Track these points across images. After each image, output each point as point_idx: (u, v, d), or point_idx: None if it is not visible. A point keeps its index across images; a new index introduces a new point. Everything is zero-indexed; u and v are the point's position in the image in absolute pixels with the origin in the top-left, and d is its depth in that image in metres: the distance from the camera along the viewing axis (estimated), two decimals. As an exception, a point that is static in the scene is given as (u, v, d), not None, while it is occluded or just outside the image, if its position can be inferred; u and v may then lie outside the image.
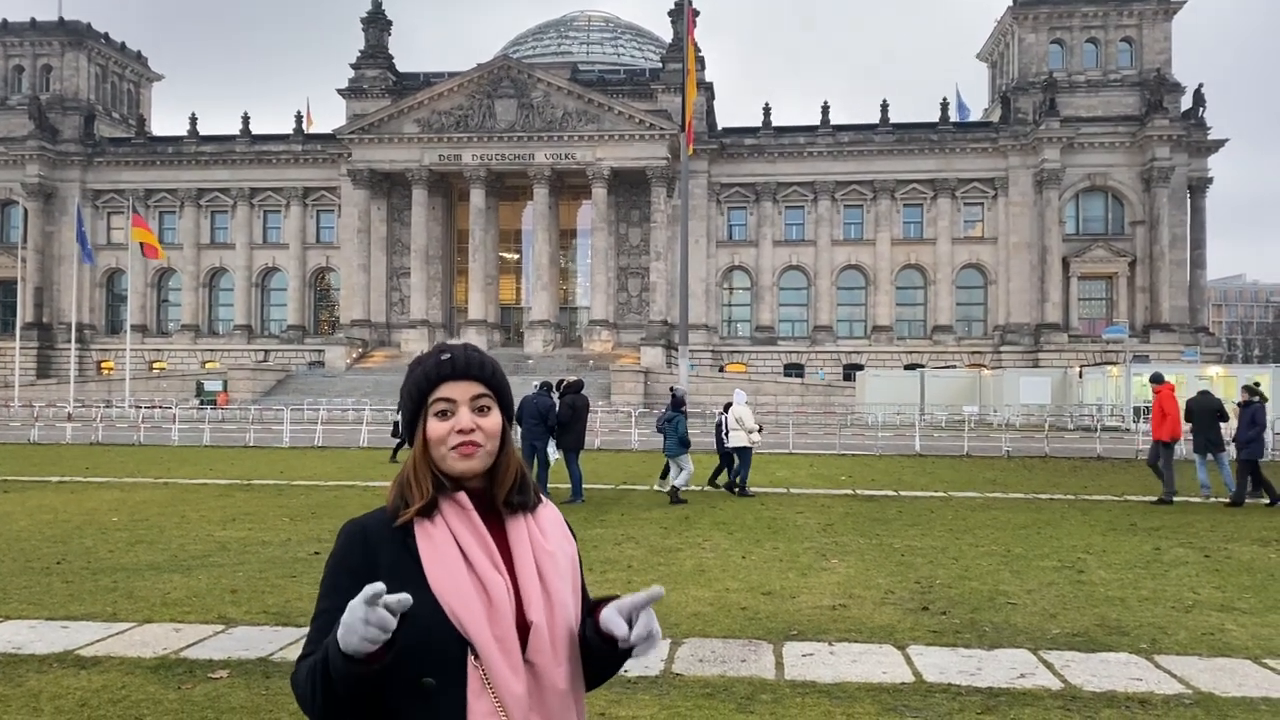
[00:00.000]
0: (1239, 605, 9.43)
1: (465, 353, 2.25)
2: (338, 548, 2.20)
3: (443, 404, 2.20)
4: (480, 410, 2.21)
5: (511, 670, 2.06)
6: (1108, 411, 47.64)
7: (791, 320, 74.31)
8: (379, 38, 75.65)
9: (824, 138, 72.64)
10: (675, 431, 18.21)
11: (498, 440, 2.22)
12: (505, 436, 2.26)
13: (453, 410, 2.20)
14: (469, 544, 2.14)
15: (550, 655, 2.12)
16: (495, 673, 2.05)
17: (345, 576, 2.12)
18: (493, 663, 2.05)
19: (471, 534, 2.15)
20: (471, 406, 2.20)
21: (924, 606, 9.27)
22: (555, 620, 2.15)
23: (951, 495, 19.18)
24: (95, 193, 78.07)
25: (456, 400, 2.20)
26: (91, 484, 20.26)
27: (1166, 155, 68.07)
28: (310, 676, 2.01)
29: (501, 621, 2.08)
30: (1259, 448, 17.88)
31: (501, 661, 2.06)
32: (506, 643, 2.08)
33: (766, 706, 6.33)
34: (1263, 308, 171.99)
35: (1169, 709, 6.33)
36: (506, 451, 2.25)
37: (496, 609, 2.09)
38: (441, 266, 74.21)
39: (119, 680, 6.74)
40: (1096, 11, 71.61)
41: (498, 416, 2.24)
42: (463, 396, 2.20)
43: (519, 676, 2.07)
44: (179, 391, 62.29)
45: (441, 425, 2.19)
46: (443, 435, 2.18)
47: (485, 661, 2.04)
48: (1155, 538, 13.65)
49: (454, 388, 2.20)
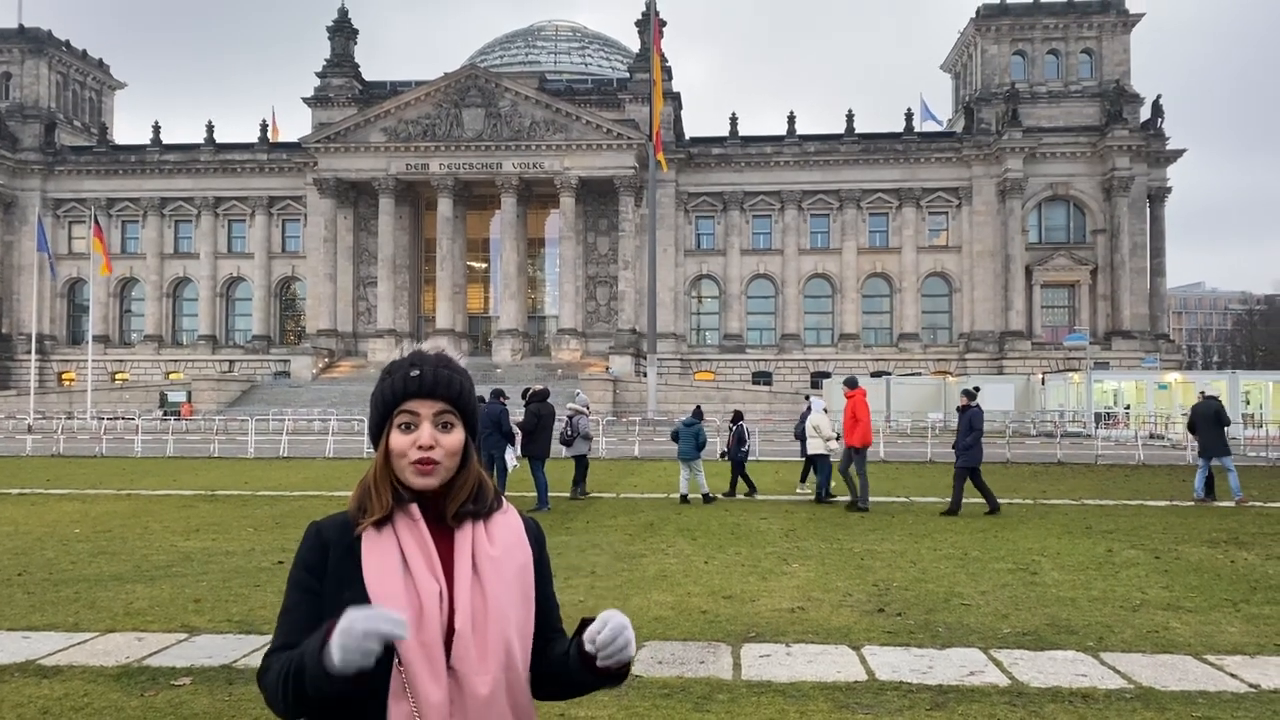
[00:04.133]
0: (1184, 604, 9.71)
1: (434, 371, 2.29)
2: (300, 547, 2.30)
3: (407, 417, 2.26)
4: (443, 426, 2.27)
5: (432, 677, 2.10)
6: (1069, 417, 48.33)
7: (759, 328, 74.78)
8: (345, 46, 75.40)
9: (790, 147, 73.26)
10: (694, 438, 19.19)
11: (458, 457, 2.28)
12: (467, 452, 2.31)
13: (416, 424, 2.25)
14: (411, 552, 2.19)
15: (474, 663, 2.15)
16: (414, 678, 2.09)
17: (304, 572, 2.24)
18: (414, 668, 2.09)
19: (415, 541, 2.21)
20: (434, 423, 2.26)
21: (880, 608, 9.47)
22: (488, 627, 2.18)
23: (914, 500, 19.46)
24: (56, 202, 77.18)
25: (420, 415, 2.25)
26: (53, 496, 20.09)
27: (1126, 165, 69.30)
28: (282, 681, 2.07)
29: (429, 629, 2.13)
30: (978, 454, 17.15)
31: (423, 668, 2.10)
32: (431, 650, 2.12)
33: (723, 706, 6.48)
34: (1221, 315, 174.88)
35: (1110, 703, 6.55)
36: (467, 467, 2.31)
37: (426, 616, 2.13)
38: (409, 276, 73.99)
39: (81, 689, 6.77)
40: (1057, 24, 72.84)
41: (460, 433, 2.29)
42: (427, 412, 2.26)
43: (439, 684, 2.11)
44: (142, 402, 61.65)
45: (404, 439, 2.24)
46: (404, 449, 2.24)
47: (407, 667, 2.09)
48: (1109, 540, 13.96)
49: (419, 404, 2.26)
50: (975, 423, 17.30)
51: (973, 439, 17.13)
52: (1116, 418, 47.67)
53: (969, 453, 17.15)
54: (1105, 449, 34.44)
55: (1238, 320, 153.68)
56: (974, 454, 17.16)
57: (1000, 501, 19.14)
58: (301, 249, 75.65)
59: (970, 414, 17.38)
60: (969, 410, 17.44)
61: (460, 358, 2.42)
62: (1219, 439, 19.34)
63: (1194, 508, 18.11)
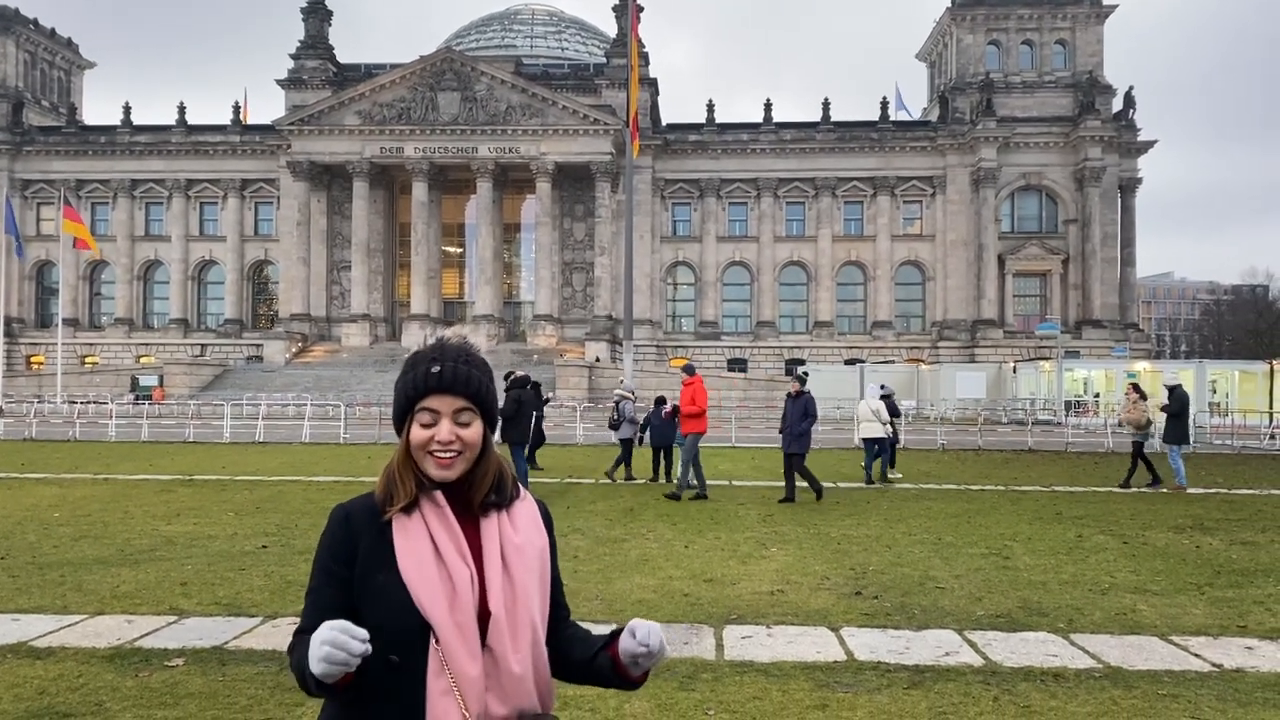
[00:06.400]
0: (1151, 587, 10.01)
1: (454, 368, 2.39)
2: (326, 530, 2.42)
3: (427, 414, 2.37)
4: (462, 423, 2.37)
5: (469, 654, 2.23)
6: (1040, 405, 48.97)
7: (735, 315, 75.11)
8: (319, 28, 74.75)
9: (767, 135, 73.46)
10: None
11: (477, 449, 2.39)
12: (485, 444, 2.44)
13: (435, 421, 2.36)
14: (441, 538, 2.32)
15: (508, 642, 2.27)
16: (452, 656, 2.22)
17: (329, 557, 2.37)
18: (451, 647, 2.22)
19: (444, 529, 2.33)
20: (454, 419, 2.36)
21: (857, 591, 9.70)
22: (517, 610, 2.31)
23: (887, 487, 19.74)
24: (24, 183, 76.14)
25: (440, 412, 2.36)
26: (29, 480, 20.00)
27: (1098, 155, 70.03)
28: (298, 663, 2.22)
29: (463, 609, 2.25)
30: (808, 441, 17.03)
31: (460, 646, 2.23)
32: (466, 629, 2.24)
33: (707, 684, 6.67)
34: (1190, 305, 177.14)
35: (1080, 681, 6.79)
36: (486, 458, 2.42)
37: (459, 598, 2.25)
38: (383, 260, 73.64)
39: (75, 669, 6.86)
40: (1032, 14, 73.38)
41: (478, 427, 2.40)
42: (446, 409, 2.36)
43: (475, 660, 2.24)
44: (113, 387, 61.01)
45: (424, 433, 2.35)
46: (424, 442, 2.35)
47: (444, 645, 2.22)
48: (1079, 526, 14.28)
49: (439, 400, 2.36)
50: (810, 409, 17.04)
51: (806, 425, 16.86)
52: (1086, 406, 48.37)
53: (800, 440, 16.87)
54: (1075, 437, 34.97)
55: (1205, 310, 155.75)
56: (805, 441, 16.94)
57: (973, 488, 19.48)
58: (274, 232, 75.09)
59: (804, 400, 17.08)
60: (801, 397, 17.12)
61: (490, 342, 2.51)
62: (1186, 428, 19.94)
63: (1162, 495, 18.50)
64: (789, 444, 17.05)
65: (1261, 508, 16.56)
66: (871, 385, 21.26)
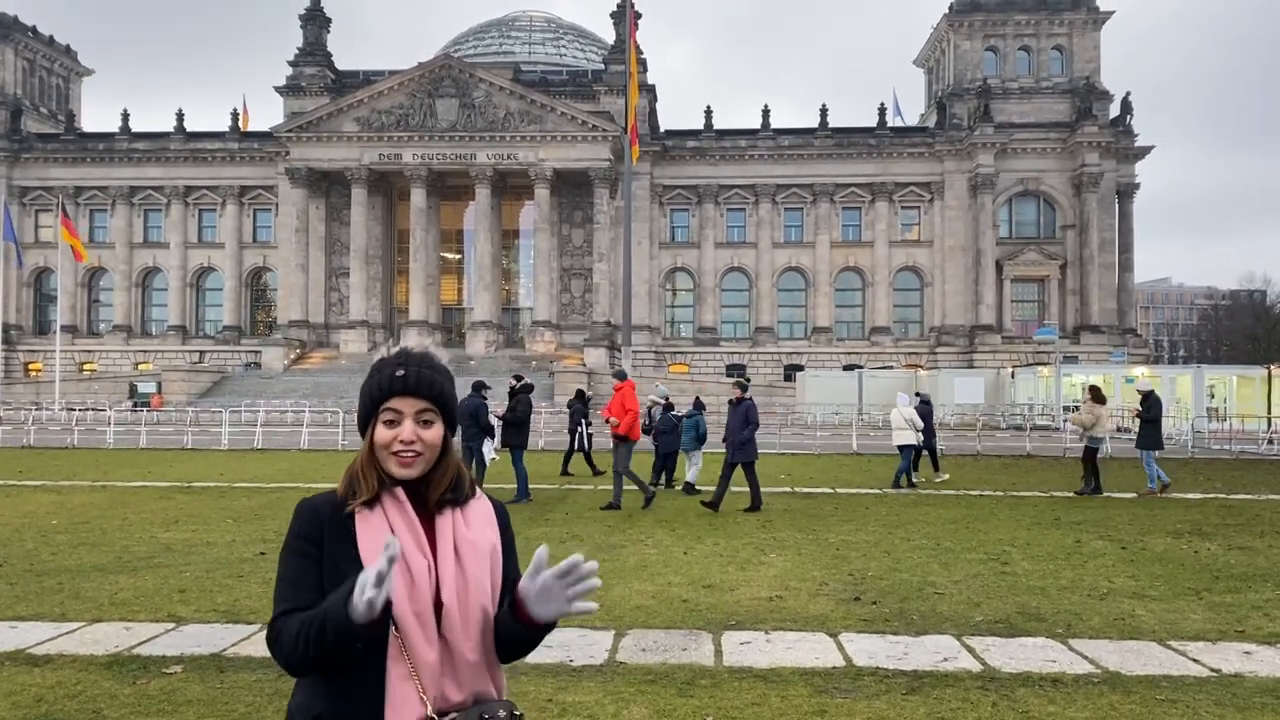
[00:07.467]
0: (1149, 593, 10.01)
1: (418, 372, 2.53)
2: (295, 521, 2.54)
3: (391, 414, 2.50)
4: (424, 423, 2.50)
5: (426, 641, 2.37)
6: (1038, 411, 48.99)
7: (733, 321, 75.18)
8: (318, 35, 74.86)
9: (765, 141, 73.57)
10: (695, 428, 20.35)
11: (437, 449, 2.52)
12: (445, 445, 2.57)
13: (399, 420, 2.49)
14: (400, 531, 2.45)
15: (461, 631, 2.41)
16: (411, 642, 2.36)
17: (304, 540, 2.49)
18: (409, 634, 2.36)
19: (404, 522, 2.46)
20: (416, 420, 2.49)
21: (856, 597, 9.69)
22: (469, 600, 2.44)
23: (886, 492, 19.75)
24: (23, 190, 76.14)
25: (403, 413, 2.49)
26: (27, 487, 19.97)
27: (1096, 161, 70.16)
28: (303, 632, 2.31)
29: (420, 599, 2.38)
30: (753, 448, 16.68)
31: (418, 633, 2.36)
32: (423, 617, 2.38)
33: (706, 690, 6.67)
34: (1188, 310, 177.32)
35: (1079, 687, 6.80)
36: (445, 459, 2.55)
37: (417, 588, 2.38)
38: (382, 267, 73.67)
39: (73, 677, 6.86)
40: (1029, 20, 73.56)
41: (439, 429, 2.53)
42: (409, 410, 2.49)
43: (432, 647, 2.37)
44: (111, 393, 61.03)
45: (387, 433, 2.48)
46: (387, 442, 2.48)
47: (403, 632, 2.35)
48: (1077, 531, 14.29)
49: (403, 402, 2.49)
50: (751, 415, 16.69)
51: (749, 432, 16.55)
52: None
53: (745, 448, 16.49)
54: (1074, 442, 34.94)
55: (1203, 315, 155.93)
56: (750, 449, 16.57)
57: (971, 493, 19.49)
58: (273, 239, 75.11)
59: (745, 406, 16.74)
60: (743, 403, 16.80)
61: (443, 356, 2.68)
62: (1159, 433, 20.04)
63: (1159, 500, 18.51)
64: (733, 453, 16.64)
65: (1259, 513, 16.57)
66: (902, 395, 21.99)
